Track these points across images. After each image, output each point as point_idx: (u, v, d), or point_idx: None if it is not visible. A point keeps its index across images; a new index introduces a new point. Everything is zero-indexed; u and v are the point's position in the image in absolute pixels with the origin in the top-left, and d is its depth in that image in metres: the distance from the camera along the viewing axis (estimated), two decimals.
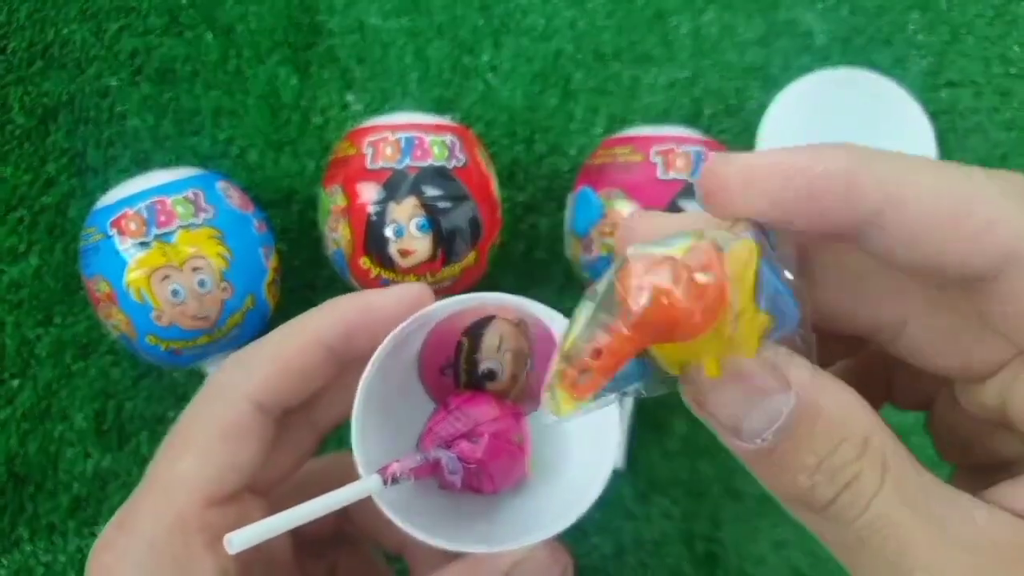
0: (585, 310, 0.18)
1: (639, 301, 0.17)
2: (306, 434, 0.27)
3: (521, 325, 0.26)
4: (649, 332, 0.17)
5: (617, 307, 0.17)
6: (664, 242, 0.18)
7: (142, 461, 0.45)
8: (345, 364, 0.25)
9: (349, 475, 0.31)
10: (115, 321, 0.39)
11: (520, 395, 0.27)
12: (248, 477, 0.24)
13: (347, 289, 0.46)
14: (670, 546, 0.46)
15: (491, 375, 0.27)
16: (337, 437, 0.28)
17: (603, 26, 0.51)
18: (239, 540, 0.21)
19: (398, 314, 0.24)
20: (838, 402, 0.17)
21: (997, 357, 0.19)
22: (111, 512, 0.44)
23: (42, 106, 0.48)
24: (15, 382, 0.45)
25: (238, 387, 0.24)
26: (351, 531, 0.32)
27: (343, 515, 0.30)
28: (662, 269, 0.17)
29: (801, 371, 0.17)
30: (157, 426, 0.46)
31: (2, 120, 0.47)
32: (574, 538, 0.45)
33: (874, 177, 0.17)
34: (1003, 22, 0.52)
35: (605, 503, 0.24)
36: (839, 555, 0.18)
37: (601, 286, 0.18)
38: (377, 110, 0.50)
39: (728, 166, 0.18)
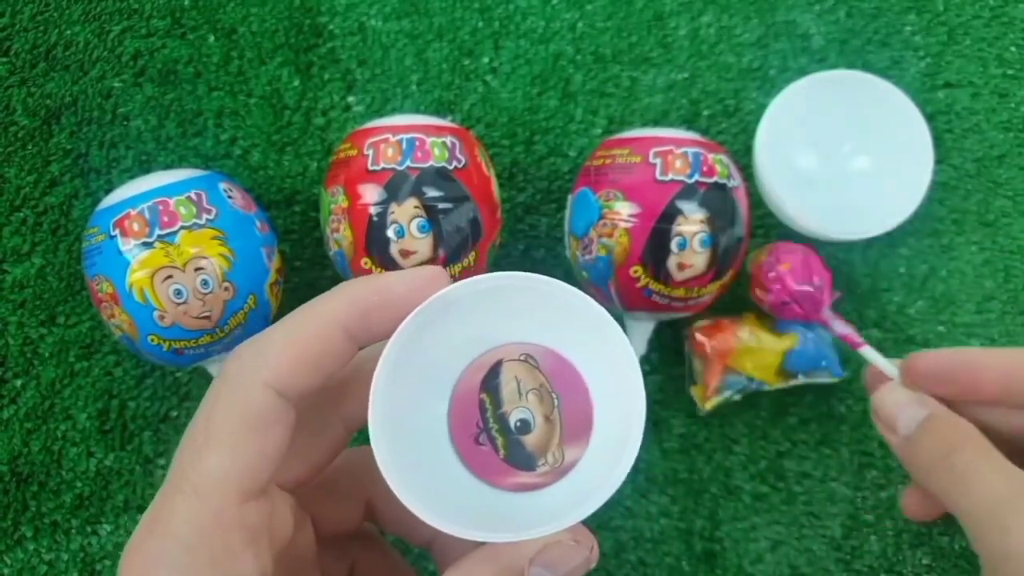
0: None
1: None
2: (337, 429, 0.27)
3: (529, 359, 0.26)
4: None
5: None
6: None
7: (145, 460, 0.46)
8: (362, 347, 0.25)
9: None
10: (118, 321, 0.40)
11: (563, 440, 0.26)
12: (275, 467, 0.23)
13: None
14: (669, 544, 0.46)
15: (525, 427, 0.26)
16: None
17: (602, 28, 0.51)
18: None
19: (414, 296, 0.24)
20: (953, 416, 0.33)
21: None
22: (114, 511, 0.45)
23: (45, 107, 0.48)
24: (18, 381, 0.46)
25: (255, 374, 0.23)
26: (371, 530, 0.32)
27: (368, 512, 0.30)
28: None
29: (935, 402, 0.34)
30: (160, 425, 0.46)
31: (6, 121, 0.48)
32: None
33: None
34: (1000, 23, 0.52)
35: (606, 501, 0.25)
36: (944, 495, 0.31)
37: None
38: (378, 112, 0.50)
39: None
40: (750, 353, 0.45)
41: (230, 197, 0.41)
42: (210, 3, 0.50)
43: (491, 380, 0.26)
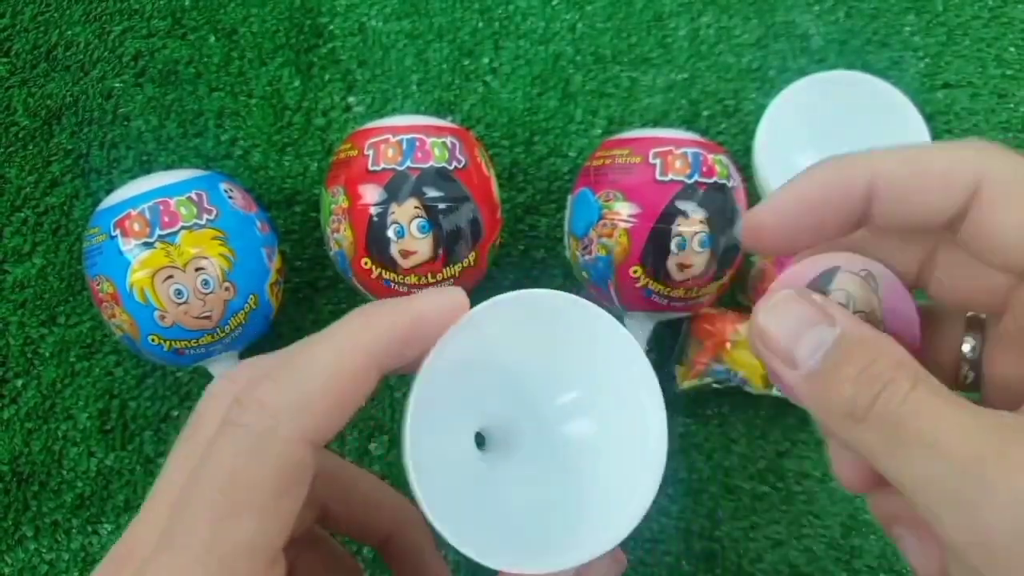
0: None
1: None
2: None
3: (869, 278, 0.24)
4: None
5: None
6: None
7: (146, 460, 0.46)
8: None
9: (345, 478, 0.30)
10: (118, 321, 0.40)
11: None
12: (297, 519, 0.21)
13: (349, 289, 0.46)
14: (668, 544, 0.46)
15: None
16: None
17: (602, 29, 0.51)
18: None
19: (443, 322, 0.23)
20: (875, 334, 0.22)
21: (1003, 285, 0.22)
22: (115, 511, 0.45)
23: (46, 108, 0.48)
24: (19, 381, 0.46)
25: (296, 431, 0.20)
26: (316, 530, 0.30)
27: (320, 515, 0.29)
28: None
29: (843, 311, 0.22)
30: (161, 425, 0.46)
31: (7, 122, 0.48)
32: None
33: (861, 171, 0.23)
34: (999, 24, 0.52)
35: None
36: (879, 459, 0.21)
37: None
38: (378, 112, 0.50)
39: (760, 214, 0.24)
40: (745, 347, 0.45)
41: (231, 197, 0.41)
42: (211, 4, 0.50)
43: (820, 285, 0.24)
